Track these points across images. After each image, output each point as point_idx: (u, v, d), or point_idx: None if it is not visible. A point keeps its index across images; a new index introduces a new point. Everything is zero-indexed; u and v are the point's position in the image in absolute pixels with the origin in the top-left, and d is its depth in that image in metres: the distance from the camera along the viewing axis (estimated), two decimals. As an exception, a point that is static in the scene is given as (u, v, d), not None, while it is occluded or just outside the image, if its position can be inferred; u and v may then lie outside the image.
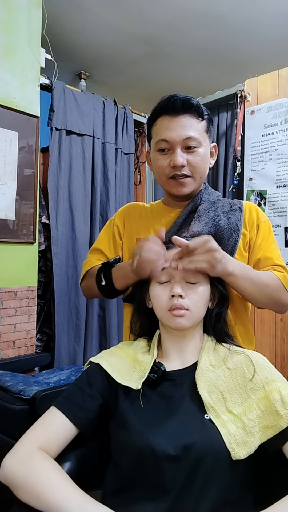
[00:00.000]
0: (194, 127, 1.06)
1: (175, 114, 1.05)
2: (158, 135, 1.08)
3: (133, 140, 3.05)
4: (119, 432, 0.83)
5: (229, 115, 2.69)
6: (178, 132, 1.05)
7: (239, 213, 1.13)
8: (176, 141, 1.05)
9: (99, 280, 1.11)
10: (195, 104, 1.06)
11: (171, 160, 1.06)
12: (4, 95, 2.20)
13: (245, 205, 1.16)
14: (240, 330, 1.12)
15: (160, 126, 1.08)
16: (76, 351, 2.58)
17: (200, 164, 1.08)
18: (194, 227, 1.08)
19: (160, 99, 1.10)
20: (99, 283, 1.12)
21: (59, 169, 2.53)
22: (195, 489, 0.74)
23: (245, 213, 1.14)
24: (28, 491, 0.74)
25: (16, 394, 1.69)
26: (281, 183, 2.31)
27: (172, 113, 1.05)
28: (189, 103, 1.05)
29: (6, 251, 2.21)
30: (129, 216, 1.25)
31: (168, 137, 1.05)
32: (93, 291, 1.17)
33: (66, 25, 2.83)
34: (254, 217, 1.15)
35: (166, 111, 1.06)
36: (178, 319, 0.87)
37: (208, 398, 0.81)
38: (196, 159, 1.07)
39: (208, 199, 1.14)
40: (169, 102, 1.06)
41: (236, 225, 1.10)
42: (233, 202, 1.17)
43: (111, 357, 0.93)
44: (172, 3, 2.59)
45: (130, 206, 1.29)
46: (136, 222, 1.22)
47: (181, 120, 1.05)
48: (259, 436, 0.78)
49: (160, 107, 1.08)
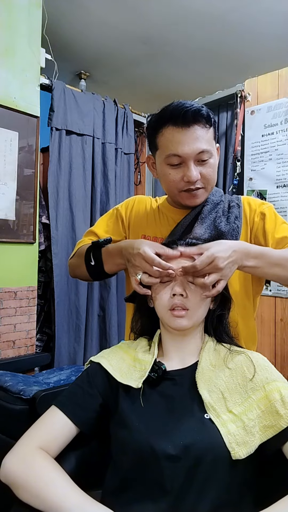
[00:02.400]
0: (205, 139, 1.01)
1: (186, 126, 0.99)
2: (169, 149, 1.02)
3: (133, 140, 3.05)
4: (119, 431, 0.83)
5: (229, 115, 2.69)
6: (191, 146, 1.00)
7: (237, 210, 1.12)
8: (190, 156, 1.01)
9: (88, 259, 1.09)
10: (206, 114, 1.01)
11: (184, 175, 1.02)
12: (4, 95, 2.21)
13: (243, 200, 1.16)
14: (244, 329, 1.11)
15: (169, 138, 1.02)
16: (76, 351, 2.58)
17: (213, 175, 1.06)
18: (197, 229, 1.08)
19: (166, 105, 1.04)
20: (88, 262, 1.09)
21: (59, 169, 2.53)
22: (194, 488, 0.73)
23: (244, 208, 1.13)
24: (28, 490, 0.74)
25: (16, 394, 1.69)
26: (281, 183, 2.31)
27: (182, 124, 1.00)
28: (200, 113, 1.00)
29: (6, 251, 2.22)
30: (137, 211, 1.22)
31: (180, 152, 1.00)
32: (79, 270, 1.15)
33: (66, 25, 2.83)
34: (254, 207, 1.13)
35: (175, 121, 1.00)
36: (178, 319, 0.87)
37: (208, 398, 0.81)
38: (209, 171, 1.04)
39: (212, 201, 1.13)
40: (179, 112, 0.99)
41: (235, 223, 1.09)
42: (231, 199, 1.16)
43: (112, 356, 0.93)
44: (172, 3, 2.59)
45: (137, 200, 1.26)
46: (144, 218, 1.20)
47: (192, 133, 1.00)
48: (259, 436, 0.78)
49: (169, 116, 1.01)
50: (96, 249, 1.09)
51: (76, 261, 1.19)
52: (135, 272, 0.92)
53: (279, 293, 2.29)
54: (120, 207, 1.26)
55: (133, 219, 1.22)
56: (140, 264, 0.90)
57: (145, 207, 1.23)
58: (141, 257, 0.90)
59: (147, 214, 1.21)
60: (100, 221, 1.27)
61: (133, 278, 0.92)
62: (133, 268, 0.93)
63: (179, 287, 0.87)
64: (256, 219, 1.12)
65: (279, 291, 2.29)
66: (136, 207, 1.24)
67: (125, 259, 0.98)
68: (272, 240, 1.08)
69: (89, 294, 2.69)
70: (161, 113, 1.04)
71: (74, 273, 1.23)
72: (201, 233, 1.06)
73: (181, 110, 0.99)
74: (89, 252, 1.10)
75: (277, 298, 2.30)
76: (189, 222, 1.11)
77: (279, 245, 1.08)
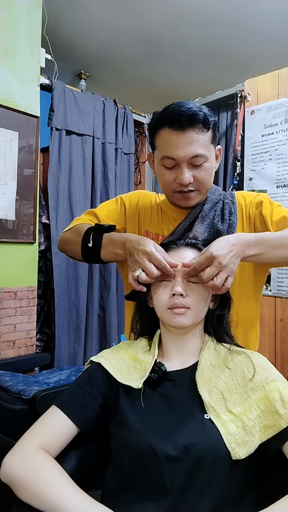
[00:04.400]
0: (200, 142, 1.00)
1: (181, 129, 0.99)
2: (164, 151, 1.03)
3: (133, 140, 3.05)
4: (119, 432, 0.83)
5: (229, 115, 2.69)
6: (184, 150, 1.00)
7: (231, 206, 1.12)
8: (183, 160, 1.01)
9: (86, 240, 1.07)
10: (202, 118, 0.99)
11: (177, 177, 1.03)
12: (4, 95, 2.21)
13: (236, 195, 1.16)
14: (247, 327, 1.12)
15: (164, 140, 1.02)
16: (76, 351, 2.58)
17: (207, 178, 1.05)
18: (197, 228, 1.08)
19: (165, 106, 1.03)
20: (85, 243, 1.08)
21: (59, 169, 2.53)
22: (194, 489, 0.74)
23: (239, 203, 1.13)
24: (28, 490, 0.74)
25: (16, 394, 1.69)
26: (281, 183, 2.32)
27: (177, 128, 0.99)
28: (196, 117, 0.98)
29: (6, 251, 2.22)
30: (142, 205, 1.21)
31: (174, 155, 1.01)
32: (71, 246, 1.14)
33: (66, 25, 2.83)
34: (249, 200, 1.13)
35: (171, 124, 1.00)
36: (178, 317, 0.87)
37: (208, 398, 0.82)
38: (203, 174, 1.04)
39: (212, 199, 1.13)
40: (176, 115, 0.98)
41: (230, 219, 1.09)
42: (225, 196, 1.15)
43: (112, 356, 0.93)
44: (172, 3, 2.59)
45: (142, 194, 1.25)
46: (148, 214, 1.20)
47: (187, 136, 0.99)
48: (259, 436, 0.78)
49: (167, 117, 1.01)
50: (98, 232, 1.07)
51: (70, 236, 1.16)
52: (134, 268, 0.92)
53: (279, 293, 2.29)
54: (125, 197, 1.24)
55: (137, 213, 1.21)
56: (142, 261, 0.90)
57: (150, 203, 1.22)
58: (146, 255, 0.90)
59: (151, 211, 1.20)
60: (103, 205, 1.25)
61: (130, 273, 0.92)
62: (134, 263, 0.93)
63: (179, 287, 0.87)
64: (253, 210, 1.12)
65: (279, 291, 2.29)
66: (141, 201, 1.23)
67: (127, 252, 0.97)
68: (272, 224, 1.08)
69: (89, 294, 2.69)
70: (160, 114, 1.04)
71: (63, 247, 1.21)
72: (200, 232, 1.07)
73: (177, 113, 0.98)
74: (89, 233, 1.08)
75: (277, 298, 2.30)
76: (190, 222, 1.11)
77: (279, 225, 1.07)
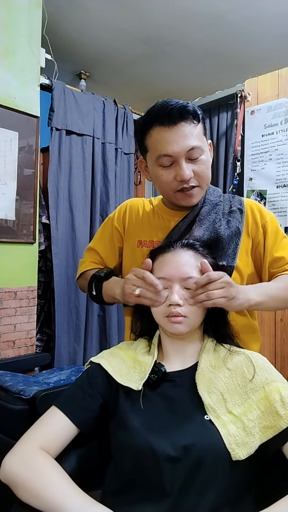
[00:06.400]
0: (194, 135, 0.99)
1: (173, 123, 0.97)
2: (158, 150, 1.00)
3: (133, 140, 3.05)
4: (119, 433, 0.83)
5: (229, 115, 2.69)
6: (180, 144, 0.97)
7: (239, 215, 1.09)
8: (180, 155, 0.98)
9: (90, 289, 1.15)
10: (192, 110, 0.98)
11: (176, 174, 1.00)
12: (4, 95, 2.20)
13: (246, 205, 1.12)
14: (247, 327, 1.12)
15: (157, 139, 1.00)
16: (76, 351, 2.58)
17: (206, 171, 1.04)
18: (195, 231, 1.06)
19: (152, 106, 1.02)
20: (90, 292, 1.15)
21: (59, 169, 2.53)
22: (195, 490, 0.74)
23: (247, 215, 1.10)
24: (28, 490, 0.74)
25: (16, 394, 1.69)
26: (281, 183, 2.31)
27: (168, 123, 0.97)
28: (186, 110, 0.97)
29: (6, 251, 2.21)
30: (130, 218, 1.20)
31: (170, 151, 0.98)
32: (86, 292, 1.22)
33: (66, 25, 2.83)
34: (257, 218, 1.11)
35: (161, 120, 0.98)
36: (175, 325, 0.87)
37: (208, 399, 0.81)
38: (202, 167, 1.02)
39: (210, 201, 1.10)
40: (164, 111, 0.97)
41: (237, 228, 1.07)
42: (233, 201, 1.13)
43: (112, 357, 0.93)
44: (172, 3, 2.59)
45: (129, 205, 1.23)
46: (138, 223, 1.18)
47: (180, 130, 0.97)
48: (259, 437, 0.78)
49: (155, 116, 0.99)
50: (98, 281, 1.13)
51: (82, 284, 1.26)
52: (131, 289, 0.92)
53: (279, 293, 2.28)
54: (113, 216, 1.24)
55: (127, 226, 1.20)
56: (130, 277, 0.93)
57: (138, 211, 1.20)
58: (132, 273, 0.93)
59: (142, 218, 1.18)
60: (98, 235, 1.28)
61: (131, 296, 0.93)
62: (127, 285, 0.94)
63: (176, 297, 0.87)
64: (259, 234, 1.11)
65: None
66: (129, 213, 1.21)
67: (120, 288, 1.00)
68: (270, 257, 1.10)
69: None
70: (147, 115, 1.03)
71: (83, 291, 1.28)
72: (199, 235, 1.05)
73: (166, 108, 0.97)
74: (91, 283, 1.15)
75: (277, 298, 2.29)
76: (186, 226, 1.09)
77: (274, 263, 1.09)
